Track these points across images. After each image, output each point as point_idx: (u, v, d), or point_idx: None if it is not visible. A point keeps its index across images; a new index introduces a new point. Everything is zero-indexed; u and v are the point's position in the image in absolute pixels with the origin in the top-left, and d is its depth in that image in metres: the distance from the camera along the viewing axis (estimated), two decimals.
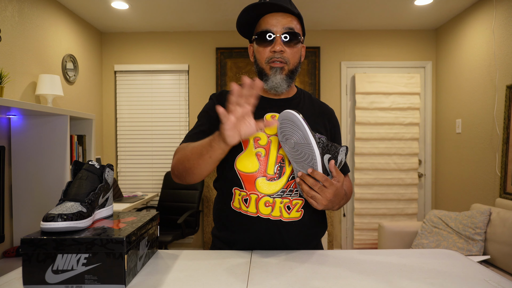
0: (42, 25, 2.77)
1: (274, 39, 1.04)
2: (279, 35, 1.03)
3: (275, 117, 1.07)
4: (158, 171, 3.80)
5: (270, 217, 1.04)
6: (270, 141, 1.05)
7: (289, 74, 1.07)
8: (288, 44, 1.05)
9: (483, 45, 2.95)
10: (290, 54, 1.06)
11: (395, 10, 3.24)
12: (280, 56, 1.04)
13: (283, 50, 1.04)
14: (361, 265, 0.91)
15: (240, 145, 1.07)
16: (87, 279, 0.74)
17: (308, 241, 1.11)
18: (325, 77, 3.77)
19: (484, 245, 2.37)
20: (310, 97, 1.19)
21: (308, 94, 1.20)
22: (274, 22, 1.03)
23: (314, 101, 1.19)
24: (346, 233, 3.83)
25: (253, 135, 1.02)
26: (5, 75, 2.19)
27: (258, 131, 0.84)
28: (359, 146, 3.68)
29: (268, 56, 1.05)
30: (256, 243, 1.07)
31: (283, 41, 1.04)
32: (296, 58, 1.08)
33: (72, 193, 0.85)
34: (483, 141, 2.92)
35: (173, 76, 3.81)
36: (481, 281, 0.80)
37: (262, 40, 1.05)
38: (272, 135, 1.06)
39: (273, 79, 1.05)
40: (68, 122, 2.33)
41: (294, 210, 1.05)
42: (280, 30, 1.03)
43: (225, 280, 0.81)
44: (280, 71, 1.05)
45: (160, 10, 3.21)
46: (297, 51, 1.07)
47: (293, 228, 1.06)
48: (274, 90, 1.07)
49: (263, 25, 1.05)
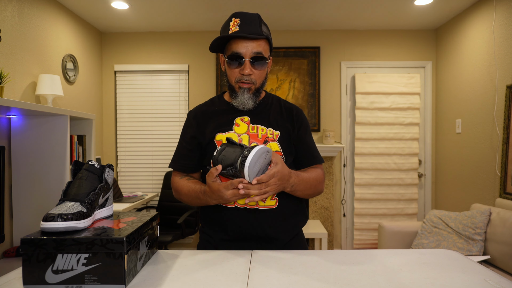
0: (42, 25, 2.77)
1: (243, 62, 1.13)
2: (247, 59, 1.13)
3: (244, 119, 1.21)
4: (158, 171, 3.80)
5: (247, 206, 1.13)
6: (241, 140, 1.17)
7: (255, 92, 1.19)
8: (256, 67, 1.15)
9: (483, 45, 2.95)
10: (258, 75, 1.17)
11: (395, 10, 3.23)
12: (248, 79, 1.15)
13: (251, 73, 1.14)
14: (361, 265, 0.91)
15: (216, 147, 1.17)
16: (87, 279, 0.74)
17: (288, 230, 1.20)
18: (325, 77, 3.77)
19: (484, 245, 2.37)
20: (278, 101, 1.30)
21: (277, 98, 1.31)
22: (244, 47, 1.12)
23: (282, 104, 1.29)
24: (346, 233, 3.83)
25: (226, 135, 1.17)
26: (5, 75, 2.19)
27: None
28: (359, 146, 3.68)
29: (238, 77, 1.16)
30: (238, 233, 1.15)
31: (251, 64, 1.13)
32: (262, 77, 1.19)
33: (72, 193, 0.85)
34: (483, 141, 2.92)
35: (173, 76, 3.81)
36: (481, 281, 0.80)
37: (232, 62, 1.15)
38: (242, 134, 1.17)
39: (241, 98, 1.17)
40: (68, 122, 2.33)
41: (269, 198, 1.14)
42: (249, 54, 1.12)
43: (225, 280, 0.81)
44: (247, 91, 1.17)
45: (160, 10, 3.21)
46: (263, 71, 1.18)
47: (270, 216, 1.14)
48: (242, 106, 1.19)
49: (234, 47, 1.13)
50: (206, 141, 1.19)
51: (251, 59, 1.13)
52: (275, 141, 1.18)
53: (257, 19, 1.14)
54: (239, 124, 1.19)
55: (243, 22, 1.12)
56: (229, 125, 1.19)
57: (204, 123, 1.23)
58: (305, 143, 1.25)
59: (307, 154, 1.25)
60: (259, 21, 1.14)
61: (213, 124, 1.21)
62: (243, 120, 1.20)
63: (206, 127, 1.21)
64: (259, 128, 1.19)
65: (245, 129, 1.18)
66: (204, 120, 1.23)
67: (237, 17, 1.13)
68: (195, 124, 1.24)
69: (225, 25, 1.17)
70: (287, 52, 3.74)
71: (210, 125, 1.21)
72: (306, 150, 1.25)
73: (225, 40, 1.16)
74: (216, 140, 1.18)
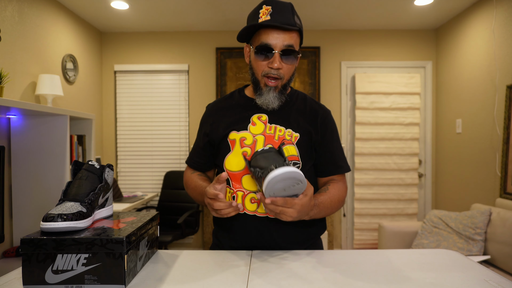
0: (42, 25, 2.77)
1: (272, 55, 1.04)
2: (278, 51, 1.03)
3: (261, 117, 1.11)
4: (158, 171, 3.80)
5: (256, 213, 1.06)
6: (256, 141, 1.08)
7: (282, 90, 1.09)
8: (285, 60, 1.05)
9: (483, 45, 2.95)
10: (287, 70, 1.07)
11: (395, 10, 3.23)
12: (276, 73, 1.05)
13: (280, 67, 1.04)
14: (361, 265, 0.91)
15: (228, 146, 1.10)
16: (87, 279, 0.74)
17: (302, 241, 1.10)
18: (325, 77, 3.77)
19: (484, 245, 2.37)
20: (304, 98, 1.19)
21: (302, 95, 1.20)
22: (275, 38, 1.03)
23: (307, 102, 1.18)
24: (346, 233, 3.83)
25: (240, 136, 1.09)
26: (5, 75, 2.19)
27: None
28: (359, 146, 3.68)
29: (265, 70, 1.06)
30: (246, 241, 1.08)
31: (281, 57, 1.04)
32: (291, 72, 1.10)
33: (72, 193, 0.85)
34: (483, 141, 2.92)
35: (173, 76, 3.81)
36: (481, 281, 0.80)
37: (260, 53, 1.05)
38: (258, 135, 1.09)
39: (265, 96, 1.08)
40: (68, 122, 2.33)
41: None
42: (280, 47, 1.03)
43: (225, 280, 0.81)
44: (273, 90, 1.07)
45: (160, 10, 3.21)
46: (293, 66, 1.09)
47: (282, 226, 1.07)
48: (266, 106, 1.09)
49: (263, 37, 1.04)
50: (219, 138, 1.12)
51: (282, 51, 1.03)
52: (292, 144, 1.08)
53: (290, 8, 1.04)
54: (256, 123, 1.10)
55: (275, 11, 1.02)
56: (245, 123, 1.11)
57: (219, 120, 1.15)
58: (329, 150, 1.14)
59: (331, 162, 1.14)
60: (292, 11, 1.04)
61: (228, 120, 1.13)
62: (261, 118, 1.11)
63: (220, 123, 1.14)
64: (277, 129, 1.09)
65: (261, 129, 1.09)
66: (220, 116, 1.16)
67: (268, 5, 1.03)
68: (210, 120, 1.18)
69: (254, 12, 1.06)
70: None
71: (225, 120, 1.14)
72: (329, 158, 1.15)
73: (253, 29, 1.06)
74: (229, 138, 1.10)
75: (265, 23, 1.01)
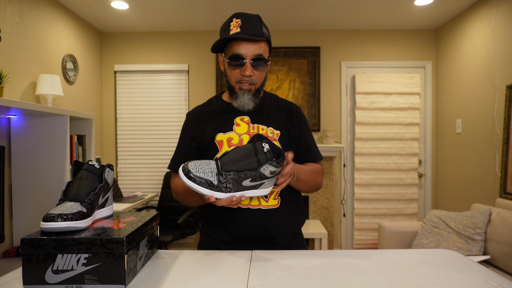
0: (42, 25, 2.77)
1: (244, 64, 1.14)
2: (248, 60, 1.13)
3: (244, 119, 1.21)
4: (158, 171, 3.80)
5: (249, 206, 1.13)
6: (242, 140, 1.17)
7: (255, 93, 1.20)
8: (256, 68, 1.15)
9: (483, 45, 2.95)
10: (258, 76, 1.17)
11: (395, 10, 3.23)
12: (248, 79, 1.16)
13: (251, 74, 1.15)
14: (361, 265, 0.91)
15: (216, 147, 1.17)
16: (87, 279, 0.74)
17: (289, 229, 1.20)
18: (325, 77, 3.77)
19: (484, 245, 2.37)
20: (276, 99, 1.31)
21: (274, 96, 1.32)
22: (245, 48, 1.13)
23: (280, 102, 1.30)
24: (346, 233, 3.83)
25: (226, 136, 1.17)
26: (5, 75, 2.19)
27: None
28: (359, 146, 3.68)
29: (238, 77, 1.17)
30: (240, 233, 1.14)
31: (252, 66, 1.14)
32: (262, 78, 1.20)
33: (72, 193, 0.85)
34: (483, 141, 2.92)
35: (173, 76, 3.81)
36: (481, 281, 0.80)
37: (233, 62, 1.15)
38: (243, 134, 1.18)
39: (241, 99, 1.18)
40: (68, 122, 2.33)
41: (271, 198, 1.15)
42: (250, 56, 1.13)
43: (225, 280, 0.81)
44: (248, 92, 1.18)
45: (160, 10, 3.21)
46: (263, 72, 1.19)
47: (273, 215, 1.15)
48: (242, 108, 1.19)
49: (235, 48, 1.13)
50: (206, 141, 1.19)
51: (252, 60, 1.14)
52: (275, 140, 1.19)
53: (258, 20, 1.15)
54: (240, 124, 1.20)
55: (244, 23, 1.12)
56: (230, 125, 1.20)
57: (203, 124, 1.23)
58: (306, 142, 1.27)
59: (306, 151, 1.27)
60: (259, 23, 1.14)
61: (213, 124, 1.21)
62: (243, 120, 1.21)
63: (206, 127, 1.22)
64: (260, 128, 1.19)
65: (245, 129, 1.19)
66: (203, 121, 1.24)
67: (238, 18, 1.14)
68: (194, 125, 1.24)
69: (225, 25, 1.17)
70: (287, 52, 3.74)
71: (210, 125, 1.21)
72: (307, 149, 1.27)
73: (226, 41, 1.17)
74: (216, 140, 1.18)
75: (235, 36, 1.10)
